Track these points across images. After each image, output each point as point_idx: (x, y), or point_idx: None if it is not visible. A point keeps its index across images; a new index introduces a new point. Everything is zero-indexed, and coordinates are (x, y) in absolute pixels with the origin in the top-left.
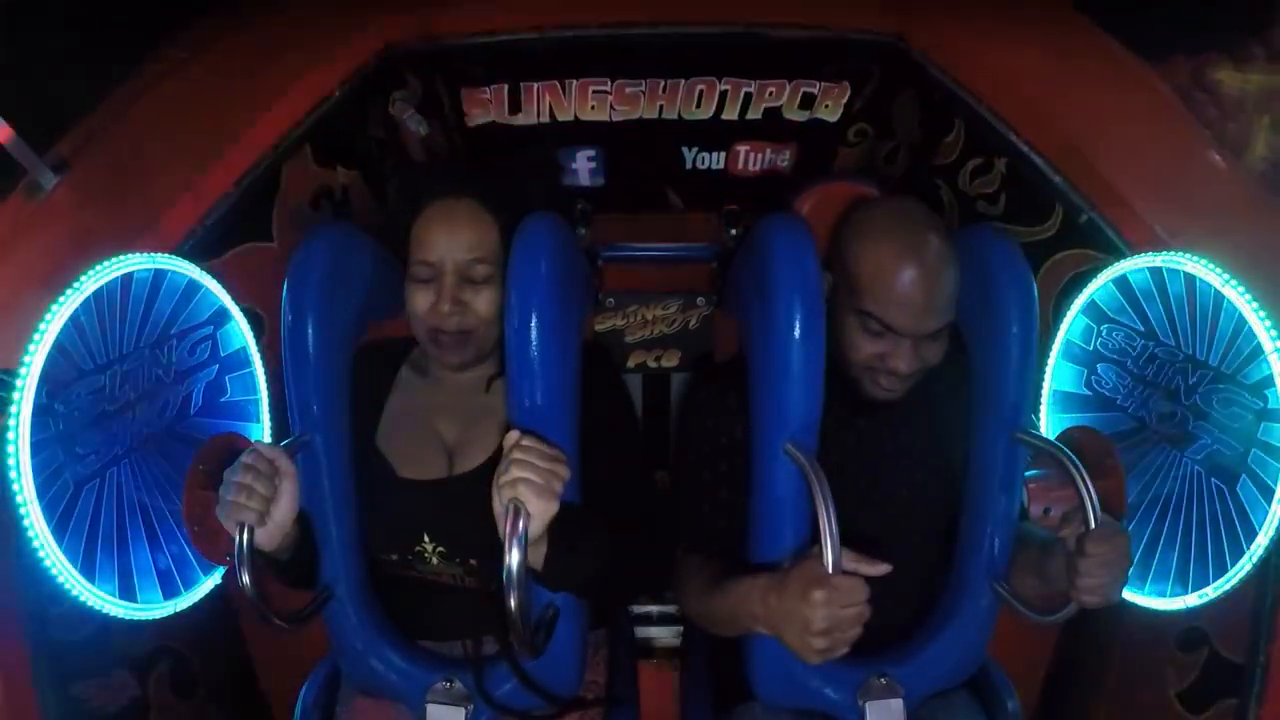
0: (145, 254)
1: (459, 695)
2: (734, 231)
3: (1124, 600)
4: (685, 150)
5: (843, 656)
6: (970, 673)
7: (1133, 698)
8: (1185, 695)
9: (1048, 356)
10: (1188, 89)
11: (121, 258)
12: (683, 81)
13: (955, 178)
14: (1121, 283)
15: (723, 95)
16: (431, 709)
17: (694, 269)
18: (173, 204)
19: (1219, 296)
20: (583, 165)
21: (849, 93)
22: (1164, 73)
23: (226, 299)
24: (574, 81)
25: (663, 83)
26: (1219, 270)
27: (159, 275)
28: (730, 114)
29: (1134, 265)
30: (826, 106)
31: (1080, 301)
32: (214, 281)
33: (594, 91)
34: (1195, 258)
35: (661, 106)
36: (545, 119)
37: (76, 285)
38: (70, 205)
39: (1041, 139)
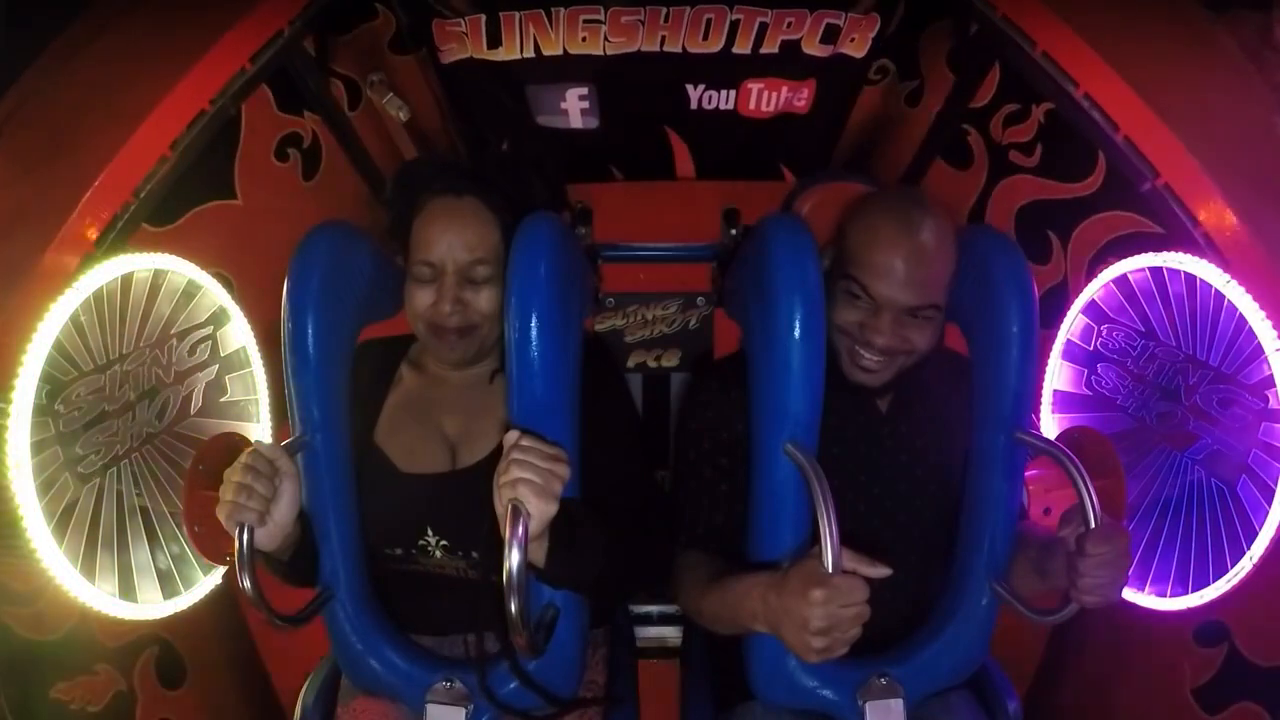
0: (145, 254)
1: (459, 695)
2: (734, 231)
3: (1124, 600)
4: (690, 88)
5: (842, 656)
6: (970, 673)
7: (1144, 692)
8: (1202, 692)
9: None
10: (1257, 47)
11: (121, 257)
12: (688, 9)
13: (986, 124)
14: (1122, 283)
15: (734, 26)
16: (431, 709)
17: (694, 269)
18: (111, 162)
19: (1219, 297)
20: (573, 105)
21: (878, 25)
22: (1229, 26)
23: (226, 299)
24: (561, 10)
25: (664, 10)
26: (1219, 270)
27: (159, 275)
28: (742, 47)
29: (1134, 265)
30: (853, 40)
31: (1080, 301)
32: (213, 281)
33: (584, 21)
34: (1196, 258)
35: (663, 38)
36: (529, 53)
37: (76, 285)
38: (1, 177)
39: (1104, 95)
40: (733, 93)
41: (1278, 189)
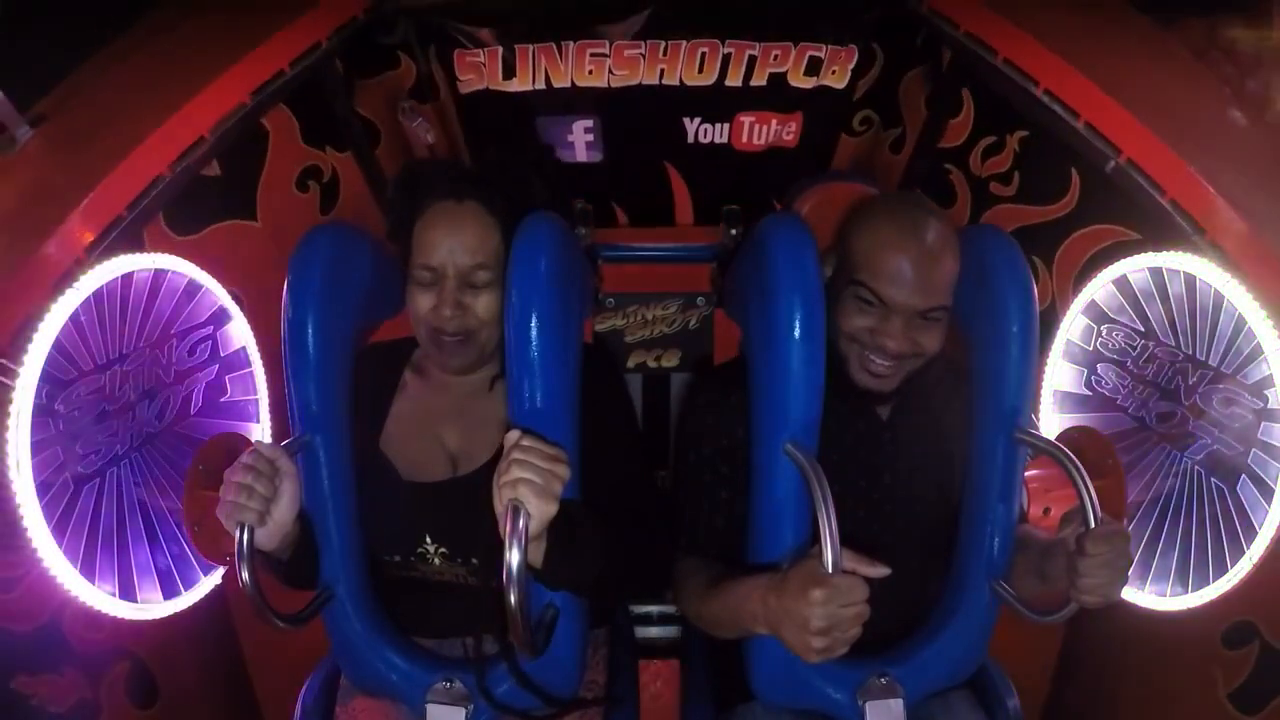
0: (146, 254)
1: (459, 695)
2: (734, 231)
3: (1124, 600)
4: (687, 121)
5: (842, 656)
6: (970, 672)
7: (1174, 702)
8: (1238, 695)
9: (1048, 356)
10: (1204, 49)
11: (121, 258)
12: (684, 43)
13: (966, 160)
14: (1121, 283)
15: (726, 59)
16: (431, 709)
17: (694, 269)
18: (137, 149)
19: (1219, 296)
20: (580, 139)
21: (856, 58)
22: (1178, 35)
23: (226, 299)
24: (570, 43)
25: (663, 45)
26: (1219, 270)
27: (159, 275)
28: (734, 80)
29: (1134, 265)
30: (834, 72)
31: (1080, 301)
32: (214, 281)
33: (591, 54)
34: (1196, 258)
35: (662, 71)
36: (540, 84)
37: (76, 285)
38: (38, 156)
39: (1062, 87)
40: (726, 126)
41: (1237, 160)
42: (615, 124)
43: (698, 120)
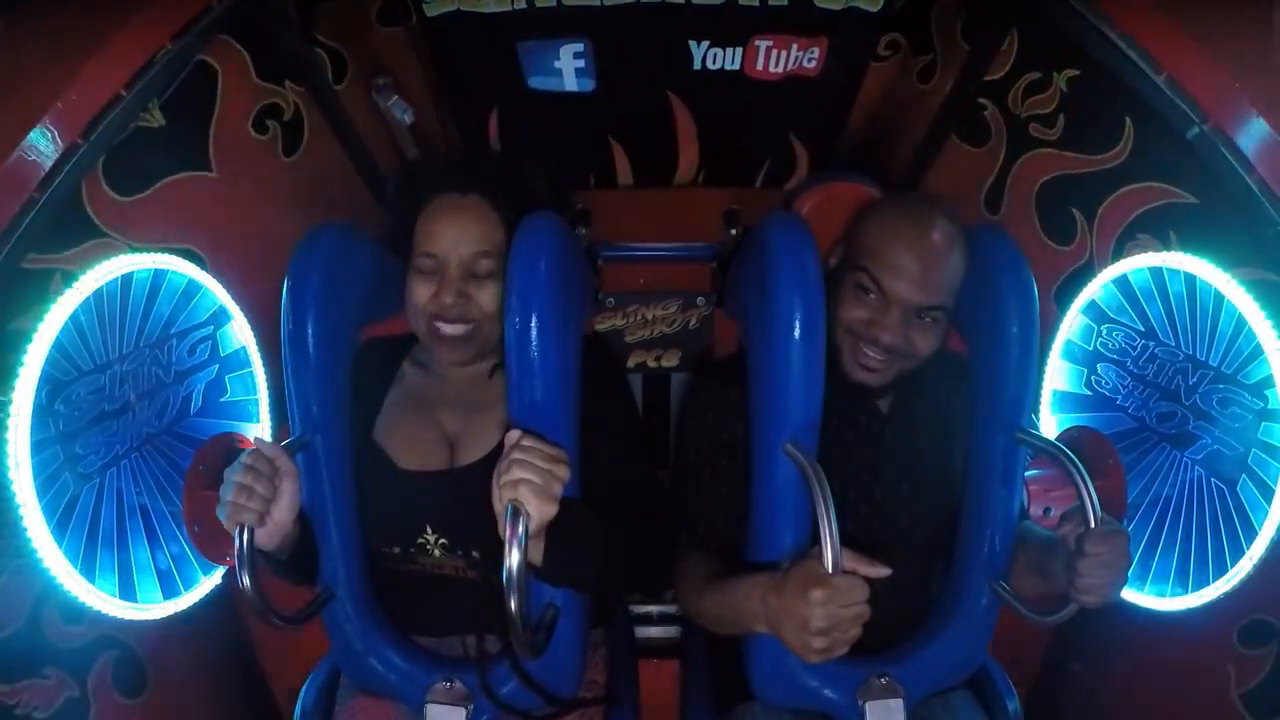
0: (145, 254)
1: (459, 695)
2: (734, 231)
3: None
4: (693, 45)
5: (842, 656)
6: (970, 672)
7: (1182, 698)
8: (1251, 697)
9: (1048, 356)
10: None
11: (121, 257)
12: None
13: (1004, 96)
14: (1121, 283)
15: None
16: (431, 709)
17: (694, 269)
18: (58, 99)
19: (1219, 296)
20: (568, 65)
21: None
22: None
23: (226, 299)
24: None
25: None
26: (1220, 270)
27: (159, 275)
28: None
29: (1134, 265)
30: None
31: (1080, 301)
32: (214, 281)
33: None
34: (1196, 257)
35: None
36: (521, 4)
37: (76, 285)
38: None
39: (1144, 31)
40: (739, 51)
41: None
42: (610, 48)
43: (706, 44)
